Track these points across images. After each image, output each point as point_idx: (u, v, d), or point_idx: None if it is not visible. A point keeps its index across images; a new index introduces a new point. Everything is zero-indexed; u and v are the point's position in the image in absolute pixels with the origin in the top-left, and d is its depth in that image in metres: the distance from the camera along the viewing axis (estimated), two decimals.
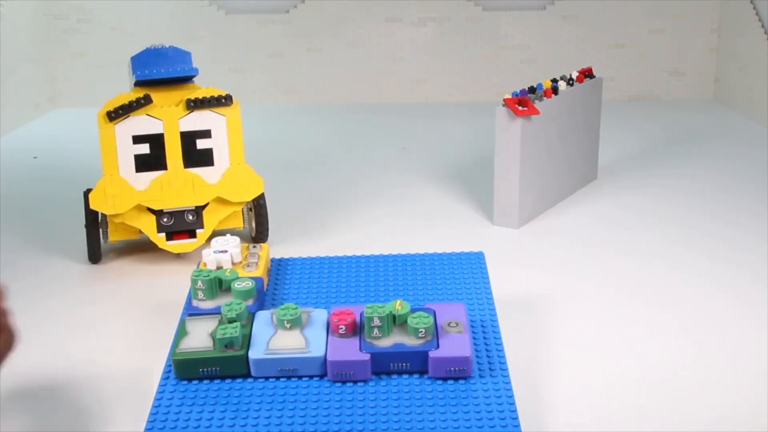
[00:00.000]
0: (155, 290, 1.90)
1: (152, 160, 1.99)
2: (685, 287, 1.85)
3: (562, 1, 3.83)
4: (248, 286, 1.38)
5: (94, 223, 2.01)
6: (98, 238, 2.02)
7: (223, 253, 1.56)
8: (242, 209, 2.11)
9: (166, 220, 1.99)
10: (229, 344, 1.22)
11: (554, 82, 2.37)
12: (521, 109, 2.15)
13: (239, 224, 2.11)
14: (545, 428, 1.31)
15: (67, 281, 1.97)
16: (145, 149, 1.98)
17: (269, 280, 1.58)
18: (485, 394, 1.18)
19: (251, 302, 1.38)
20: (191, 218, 2.00)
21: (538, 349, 1.57)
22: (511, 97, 2.18)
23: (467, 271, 1.59)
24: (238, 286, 1.38)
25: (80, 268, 2.04)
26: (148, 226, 1.99)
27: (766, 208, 2.34)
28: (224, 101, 2.00)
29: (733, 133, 3.25)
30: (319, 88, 3.93)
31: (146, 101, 1.97)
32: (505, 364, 1.25)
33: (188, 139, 2.00)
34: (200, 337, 1.26)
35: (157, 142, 1.98)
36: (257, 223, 2.10)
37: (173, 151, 1.99)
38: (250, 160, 2.07)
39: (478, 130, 3.28)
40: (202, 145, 2.01)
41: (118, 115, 1.96)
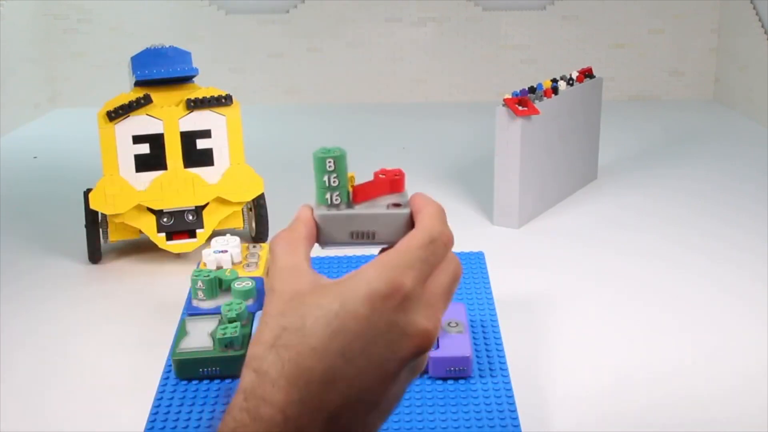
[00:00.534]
0: (155, 290, 1.90)
1: (152, 160, 1.99)
2: (685, 287, 1.85)
3: (562, 1, 3.83)
4: (248, 286, 1.38)
5: (94, 223, 2.01)
6: (98, 238, 2.02)
7: (223, 253, 1.56)
8: (242, 209, 2.11)
9: (166, 220, 1.99)
10: (229, 344, 1.22)
11: (554, 82, 2.37)
12: (521, 109, 2.15)
13: (239, 224, 2.11)
14: (545, 428, 1.31)
15: (67, 281, 1.97)
16: (145, 149, 1.98)
17: None
18: (485, 394, 1.17)
19: (251, 302, 1.38)
20: (191, 218, 2.00)
21: (538, 349, 1.57)
22: (511, 97, 2.18)
23: (467, 271, 1.58)
24: (238, 286, 1.38)
25: (80, 268, 2.04)
26: (148, 226, 1.99)
27: (766, 208, 2.34)
28: (224, 101, 2.00)
29: (733, 133, 3.25)
30: (319, 88, 3.93)
31: (146, 101, 1.97)
32: (505, 364, 1.25)
33: (188, 139, 2.00)
34: (200, 337, 1.26)
35: (157, 142, 1.98)
36: (257, 222, 2.10)
37: (173, 151, 1.99)
38: (250, 160, 2.07)
39: (478, 130, 3.28)
40: (202, 145, 2.01)
41: (118, 115, 1.96)
